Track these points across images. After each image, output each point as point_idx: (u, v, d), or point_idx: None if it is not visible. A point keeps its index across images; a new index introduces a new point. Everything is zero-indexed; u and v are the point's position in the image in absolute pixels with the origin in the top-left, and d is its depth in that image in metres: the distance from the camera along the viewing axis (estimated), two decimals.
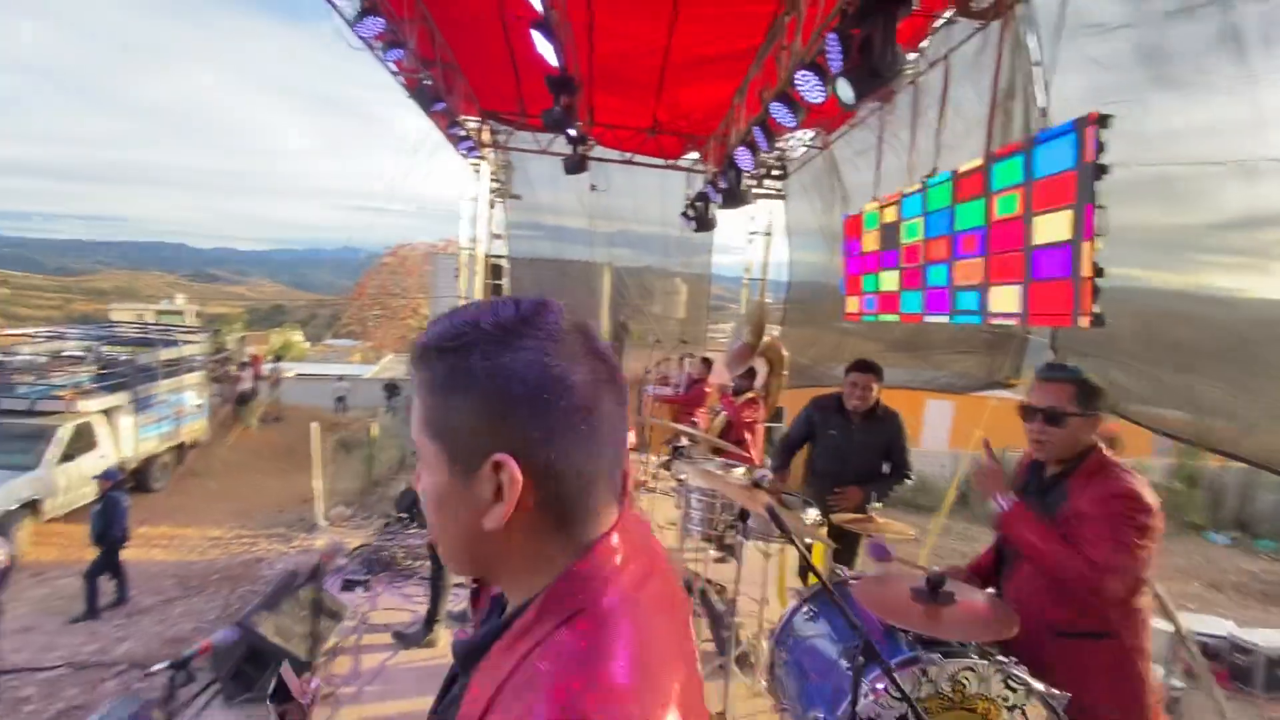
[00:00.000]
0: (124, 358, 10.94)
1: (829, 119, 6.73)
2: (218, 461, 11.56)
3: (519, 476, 0.56)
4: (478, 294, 9.93)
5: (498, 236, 10.50)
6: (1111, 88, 2.95)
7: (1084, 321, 2.97)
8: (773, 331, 6.15)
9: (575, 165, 7.05)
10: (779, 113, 4.12)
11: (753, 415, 4.93)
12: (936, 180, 4.20)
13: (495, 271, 10.12)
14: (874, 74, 2.68)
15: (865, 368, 3.33)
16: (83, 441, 8.85)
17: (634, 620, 0.57)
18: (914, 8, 2.65)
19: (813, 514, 2.88)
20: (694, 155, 8.88)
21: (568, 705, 0.49)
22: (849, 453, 3.35)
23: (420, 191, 9.63)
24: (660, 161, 8.94)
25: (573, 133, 6.46)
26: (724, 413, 5.13)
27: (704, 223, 7.30)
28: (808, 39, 3.89)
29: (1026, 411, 1.90)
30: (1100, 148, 2.85)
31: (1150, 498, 1.75)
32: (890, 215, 4.91)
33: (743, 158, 5.26)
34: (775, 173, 9.02)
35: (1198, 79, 2.57)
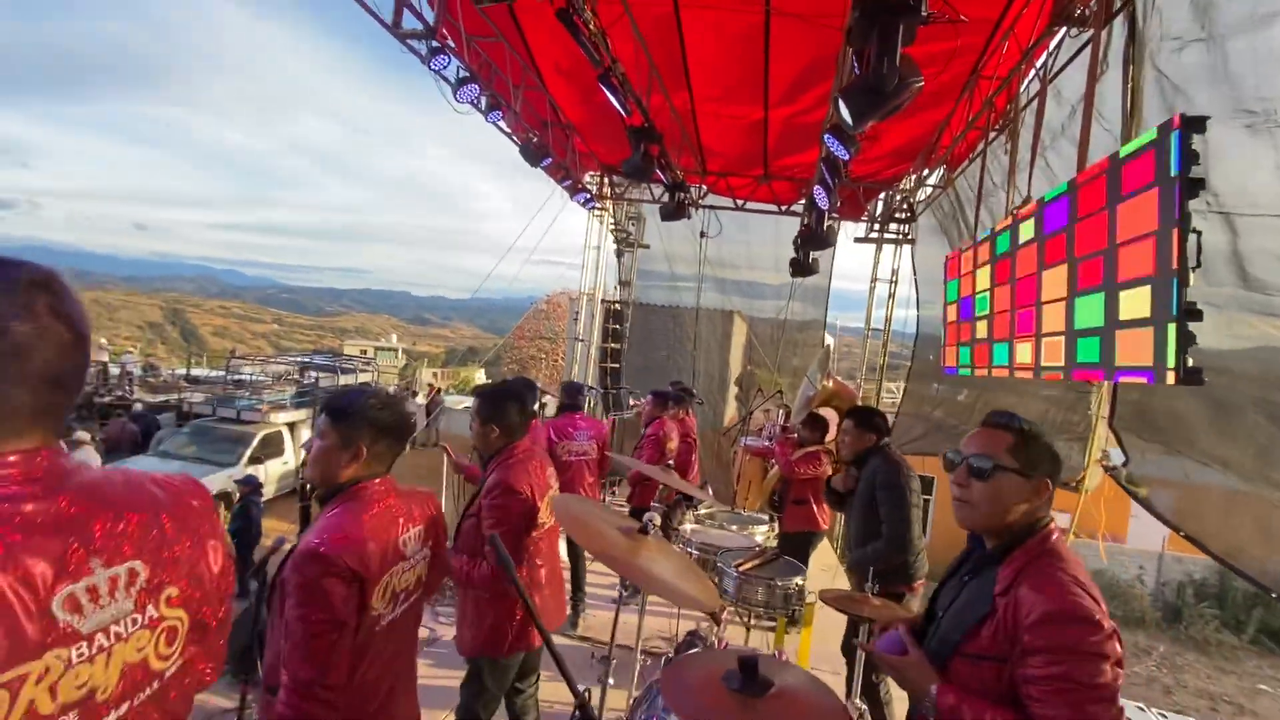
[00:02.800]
0: (321, 381, 13.08)
1: (956, 153, 6.13)
2: None
3: None
4: (595, 337, 10.38)
5: (625, 283, 10.95)
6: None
7: (1170, 378, 2.30)
8: (841, 379, 5.54)
9: (672, 212, 7.15)
10: (833, 145, 3.85)
11: (811, 471, 4.45)
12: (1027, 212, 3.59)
13: (615, 316, 10.49)
14: (874, 91, 2.39)
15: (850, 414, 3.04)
16: (271, 448, 10.66)
17: None
18: (922, 15, 2.33)
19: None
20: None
21: None
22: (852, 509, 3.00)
23: (577, 242, 10.65)
24: (773, 208, 8.73)
25: (666, 180, 6.61)
26: (775, 466, 4.69)
27: (802, 268, 6.93)
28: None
29: (948, 462, 1.51)
30: (1190, 157, 2.24)
31: (1101, 611, 1.27)
32: (984, 253, 4.27)
33: (820, 197, 4.96)
34: (900, 215, 8.35)
35: None
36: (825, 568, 5.83)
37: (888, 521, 2.99)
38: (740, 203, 8.76)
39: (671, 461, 3.49)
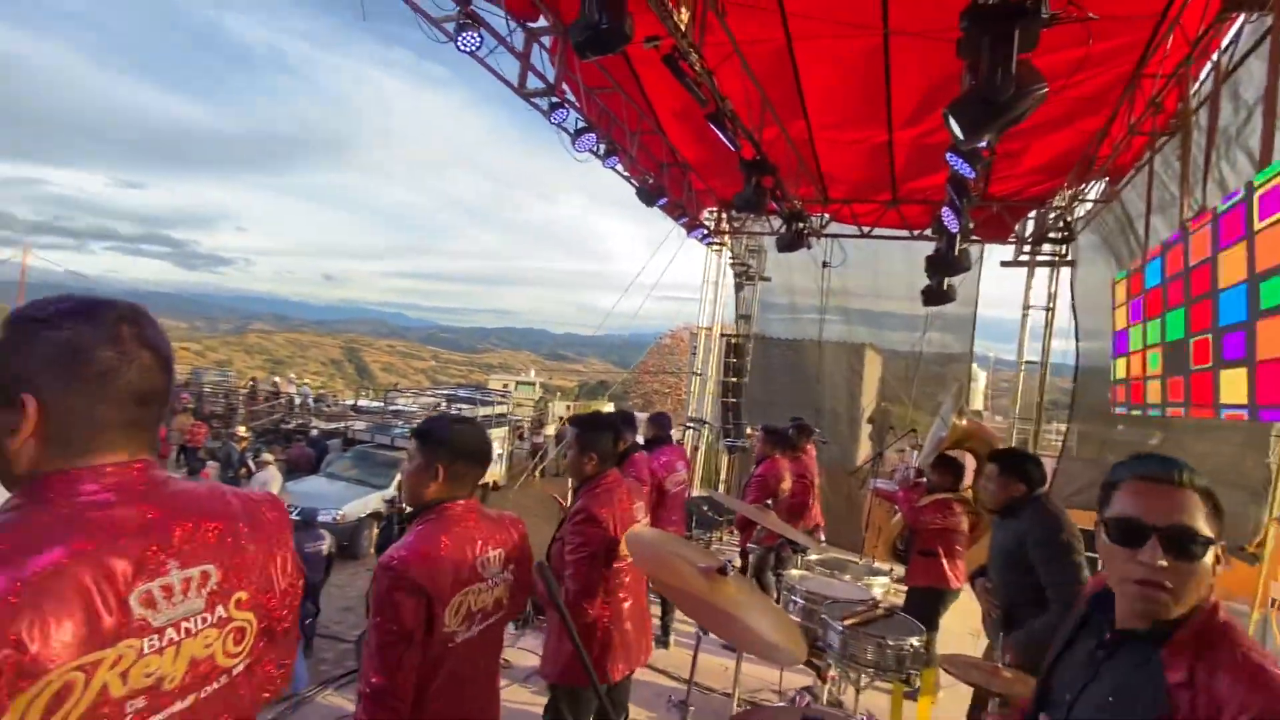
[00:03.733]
0: (464, 412, 14.25)
1: (1119, 163, 5.43)
2: (508, 502, 13.93)
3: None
4: (713, 371, 10.29)
5: (745, 317, 10.82)
6: None
7: None
8: (973, 418, 4.93)
9: (790, 243, 6.99)
10: (957, 164, 3.58)
11: (942, 520, 4.00)
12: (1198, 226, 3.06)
13: (735, 350, 10.35)
14: (987, 102, 2.18)
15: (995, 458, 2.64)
16: None
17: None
18: (1044, 18, 2.10)
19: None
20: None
21: None
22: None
23: (699, 278, 10.88)
24: (904, 233, 8.22)
25: (781, 211, 6.50)
26: (899, 513, 4.28)
27: (936, 296, 6.42)
28: None
29: (1127, 531, 1.15)
30: None
31: None
32: (1155, 273, 3.69)
33: (949, 219, 4.60)
34: (1054, 235, 7.48)
35: None
36: (974, 632, 5.16)
37: (1056, 587, 2.51)
38: (866, 229, 8.36)
39: (770, 501, 3.32)
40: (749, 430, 8.69)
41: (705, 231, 8.61)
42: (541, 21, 5.09)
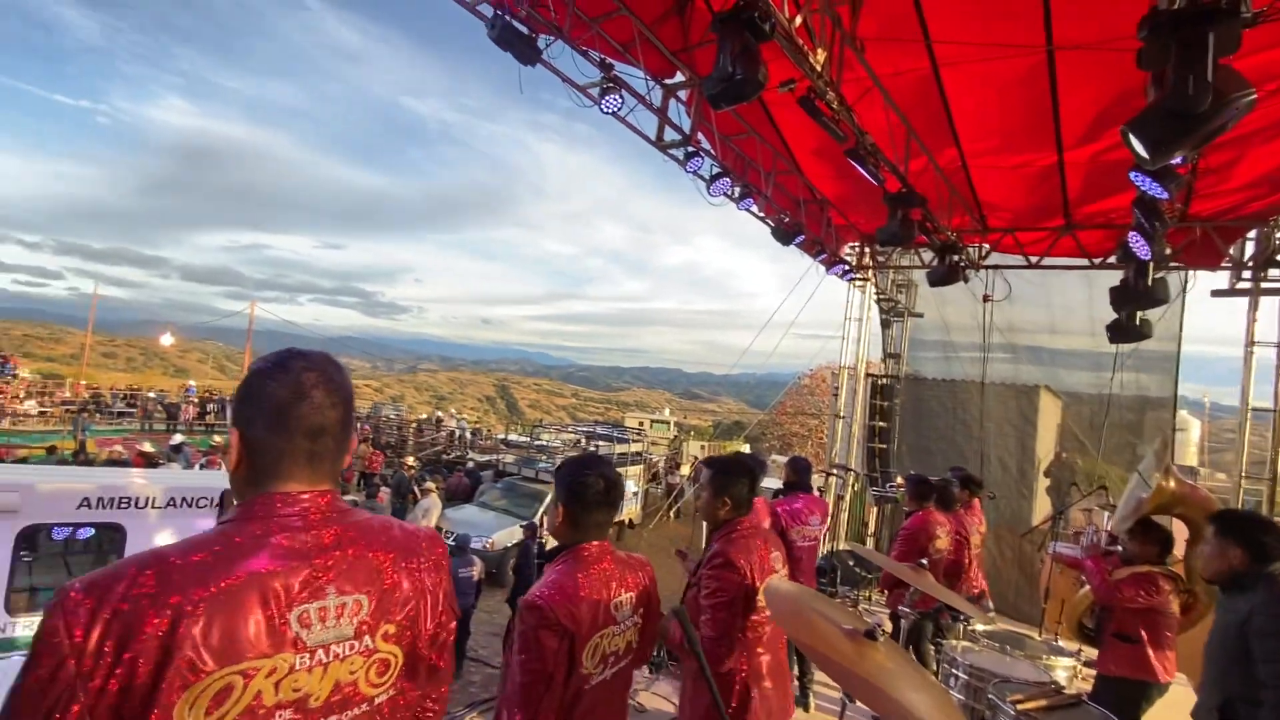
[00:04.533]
0: (601, 448, 14.75)
1: None
2: (642, 541, 14.03)
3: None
4: (859, 413, 9.69)
5: (894, 356, 10.17)
6: None
7: None
8: (1182, 478, 4.05)
9: (943, 276, 6.50)
10: (1144, 183, 3.16)
11: (1145, 599, 3.34)
12: None
13: (882, 391, 9.71)
14: (1176, 115, 1.88)
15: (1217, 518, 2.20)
16: None
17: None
18: (1245, 17, 1.81)
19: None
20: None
21: None
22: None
23: (840, 316, 10.41)
24: (1081, 262, 7.30)
25: (933, 243, 6.09)
26: (1087, 585, 3.64)
27: (1125, 332, 5.59)
28: None
29: None
30: None
31: None
32: None
33: (1138, 245, 4.05)
34: None
35: None
36: None
37: (1277, 687, 2.07)
38: (1034, 259, 7.55)
39: (924, 560, 2.98)
40: (898, 479, 8.04)
41: (846, 267, 8.29)
42: (678, 77, 5.33)
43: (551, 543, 2.23)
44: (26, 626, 3.37)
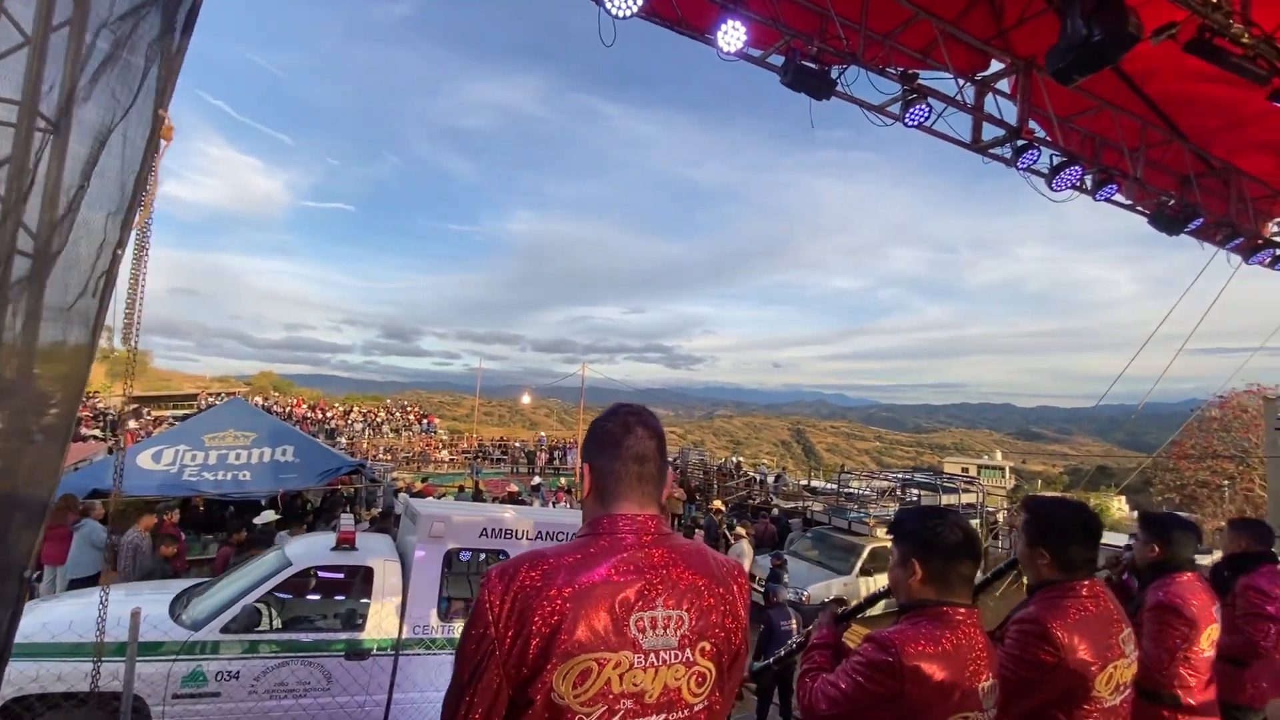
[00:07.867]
0: (922, 499, 13.10)
1: None
2: (987, 611, 11.67)
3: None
4: None
5: None
6: None
7: None
8: None
9: None
10: None
11: None
12: None
13: None
14: None
15: None
16: (879, 562, 11.07)
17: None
18: None
19: None
20: None
21: None
22: None
23: (1264, 320, 7.23)
24: None
25: None
26: None
27: None
28: None
29: None
30: None
31: None
32: None
33: None
34: None
35: None
36: None
37: None
38: None
39: None
40: None
41: (1276, 252, 6.01)
42: (993, 67, 4.64)
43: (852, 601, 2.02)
44: (448, 631, 4.29)
